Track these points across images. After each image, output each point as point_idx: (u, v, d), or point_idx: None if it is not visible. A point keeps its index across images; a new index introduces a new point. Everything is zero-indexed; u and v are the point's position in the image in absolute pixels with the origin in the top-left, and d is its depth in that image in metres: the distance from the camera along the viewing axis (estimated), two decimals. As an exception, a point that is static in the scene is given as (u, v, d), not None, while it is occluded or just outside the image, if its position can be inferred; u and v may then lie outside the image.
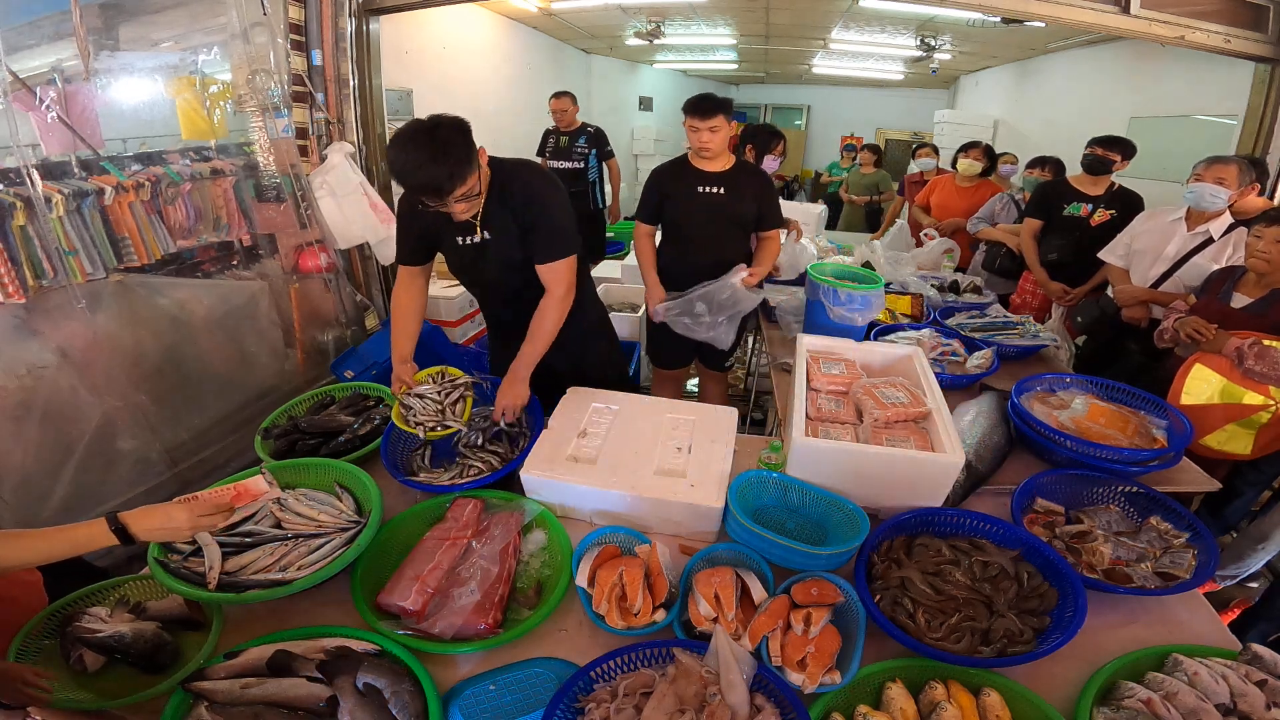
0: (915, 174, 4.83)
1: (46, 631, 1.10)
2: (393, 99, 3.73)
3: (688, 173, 2.31)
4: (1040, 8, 2.89)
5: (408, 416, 1.50)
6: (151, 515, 1.00)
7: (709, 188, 2.28)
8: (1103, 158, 2.86)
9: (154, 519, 1.00)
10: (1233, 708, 0.94)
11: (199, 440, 2.52)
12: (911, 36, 5.71)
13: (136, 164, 2.26)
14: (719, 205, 2.28)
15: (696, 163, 2.30)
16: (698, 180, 2.29)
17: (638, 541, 1.24)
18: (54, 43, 2.03)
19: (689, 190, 2.29)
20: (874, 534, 1.21)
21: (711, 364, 2.67)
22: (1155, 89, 4.43)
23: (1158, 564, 1.26)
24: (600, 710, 0.93)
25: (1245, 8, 2.93)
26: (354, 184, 2.94)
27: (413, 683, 0.97)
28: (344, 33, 2.98)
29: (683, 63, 8.84)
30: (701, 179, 2.29)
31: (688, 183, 2.29)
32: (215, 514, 1.06)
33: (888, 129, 10.27)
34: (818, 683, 0.96)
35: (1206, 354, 1.85)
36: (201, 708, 0.94)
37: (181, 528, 1.02)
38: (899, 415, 1.45)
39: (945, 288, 2.98)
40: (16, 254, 1.86)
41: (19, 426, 1.91)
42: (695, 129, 2.20)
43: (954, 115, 7.49)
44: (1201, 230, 2.28)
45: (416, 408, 1.51)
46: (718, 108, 2.17)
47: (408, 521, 1.31)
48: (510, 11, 5.10)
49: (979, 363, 2.07)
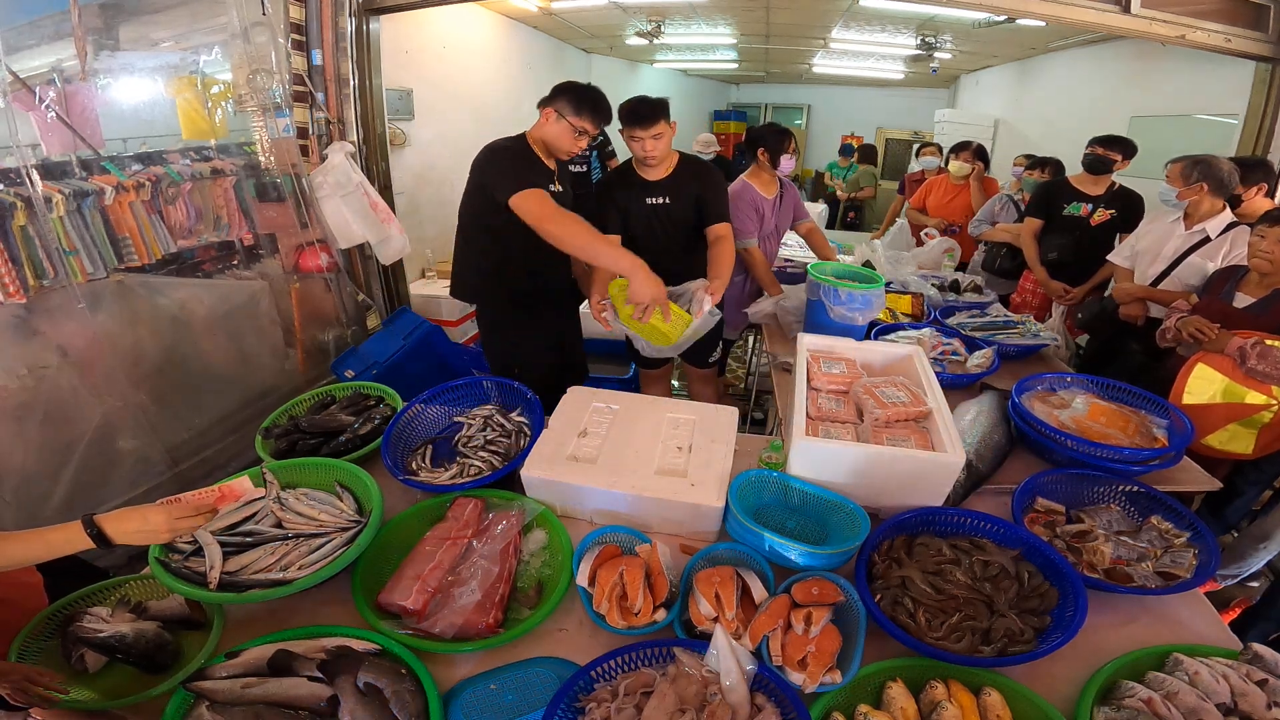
0: (917, 173, 4.82)
1: (47, 632, 1.10)
2: (393, 99, 3.73)
3: (634, 182, 2.18)
4: (1040, 7, 2.89)
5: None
6: (128, 518, 0.98)
7: (656, 198, 2.17)
8: (1103, 157, 2.86)
9: (130, 522, 0.98)
10: (1233, 707, 0.94)
11: (200, 440, 2.52)
12: (912, 36, 5.71)
13: (137, 164, 2.26)
14: (667, 215, 2.19)
15: (642, 171, 2.16)
16: (644, 192, 2.17)
17: (638, 541, 1.24)
18: (54, 43, 2.03)
19: (639, 202, 2.18)
20: (874, 533, 1.21)
21: (694, 361, 2.60)
22: (1155, 89, 4.42)
23: (1158, 563, 1.26)
24: (601, 710, 0.93)
25: (1245, 7, 2.93)
26: (354, 184, 2.94)
27: (413, 682, 0.97)
28: (344, 32, 2.98)
29: (683, 62, 8.83)
30: (648, 190, 2.17)
31: (636, 194, 2.18)
32: (195, 516, 1.04)
33: (888, 129, 10.27)
34: (818, 682, 0.96)
35: (1209, 354, 1.85)
36: (202, 707, 0.94)
37: (159, 530, 1.00)
38: (899, 415, 1.45)
39: (945, 287, 2.98)
40: (17, 254, 1.86)
41: (19, 426, 1.91)
42: (638, 139, 2.04)
43: (954, 115, 7.48)
44: (1198, 229, 2.28)
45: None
46: (658, 112, 2.01)
47: (408, 521, 1.31)
48: (510, 11, 5.10)
49: (979, 362, 2.07)
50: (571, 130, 1.88)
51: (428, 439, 1.60)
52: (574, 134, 1.88)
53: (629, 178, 2.20)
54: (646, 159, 2.10)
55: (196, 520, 1.04)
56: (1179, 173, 2.28)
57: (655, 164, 2.13)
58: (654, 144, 2.05)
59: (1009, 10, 3.03)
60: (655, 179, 2.17)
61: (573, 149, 1.92)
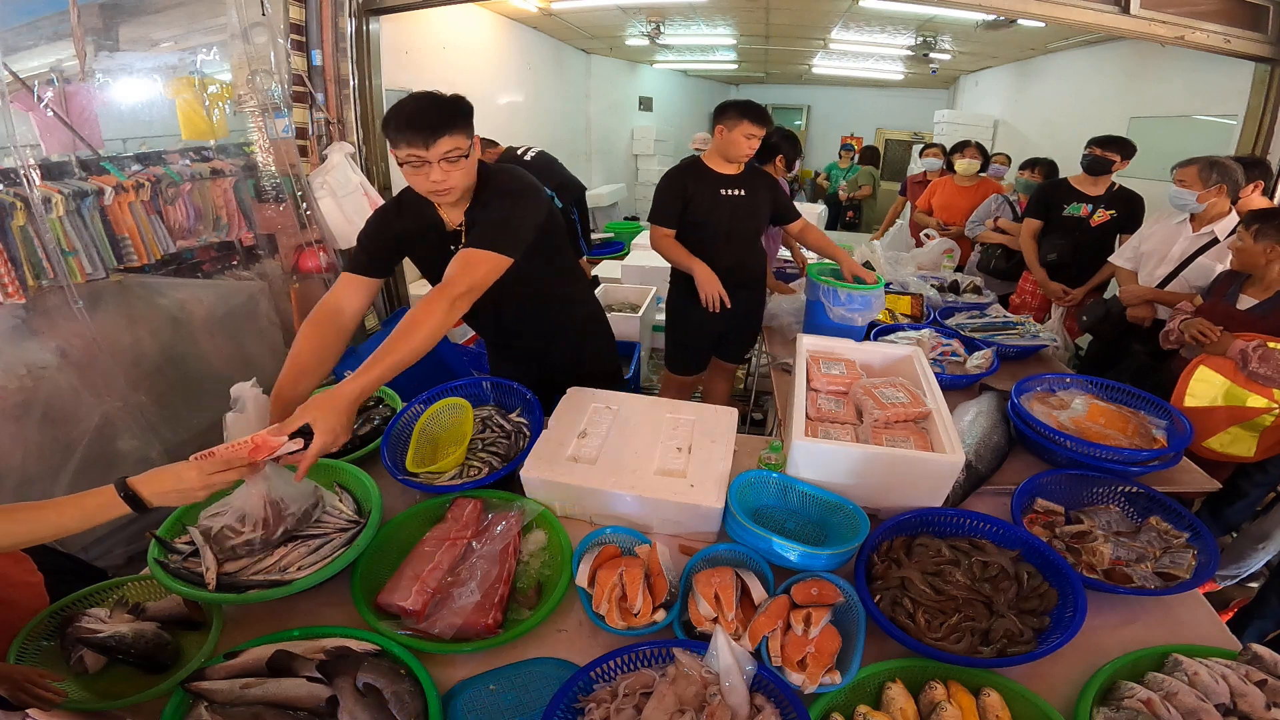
0: (919, 174, 4.82)
1: (47, 632, 1.10)
2: (393, 99, 3.72)
3: (708, 175, 2.32)
4: (1040, 8, 2.89)
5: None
6: (162, 478, 0.95)
7: (730, 190, 2.32)
8: (1102, 158, 2.86)
9: (164, 481, 0.95)
10: (1233, 708, 0.94)
11: (199, 440, 2.50)
12: (911, 36, 5.71)
13: (136, 164, 2.26)
14: (740, 206, 2.33)
15: (715, 165, 2.32)
16: (719, 183, 2.31)
17: (638, 541, 1.24)
18: (53, 43, 2.03)
19: (713, 193, 2.30)
20: (874, 534, 1.21)
21: (730, 357, 2.71)
22: (1155, 89, 4.43)
23: (1158, 564, 1.26)
24: (600, 710, 0.93)
25: (1245, 8, 2.93)
26: (354, 184, 2.95)
27: (413, 683, 0.97)
28: (344, 33, 2.98)
29: (683, 63, 8.83)
30: (722, 182, 2.31)
31: (710, 185, 2.31)
32: (229, 470, 1.00)
33: (888, 129, 10.27)
34: (818, 683, 0.96)
35: (1210, 356, 1.85)
36: (201, 708, 0.94)
37: (194, 488, 0.97)
38: (899, 415, 1.45)
39: (945, 288, 2.99)
40: (16, 254, 1.86)
41: (19, 427, 1.91)
42: (751, 136, 2.20)
43: (954, 115, 7.48)
44: (1206, 231, 2.28)
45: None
46: (767, 119, 2.24)
47: (408, 521, 1.31)
48: (510, 11, 5.10)
49: (979, 363, 2.07)
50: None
51: (427, 439, 1.60)
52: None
53: (702, 170, 2.33)
54: (746, 157, 2.27)
55: (229, 475, 1.01)
56: (1196, 175, 2.24)
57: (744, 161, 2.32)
58: (756, 143, 2.23)
59: (1008, 11, 3.04)
60: (729, 174, 2.32)
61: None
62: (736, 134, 2.20)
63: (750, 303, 2.55)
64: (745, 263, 2.42)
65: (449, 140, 1.28)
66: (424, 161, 1.28)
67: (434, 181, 1.30)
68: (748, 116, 2.18)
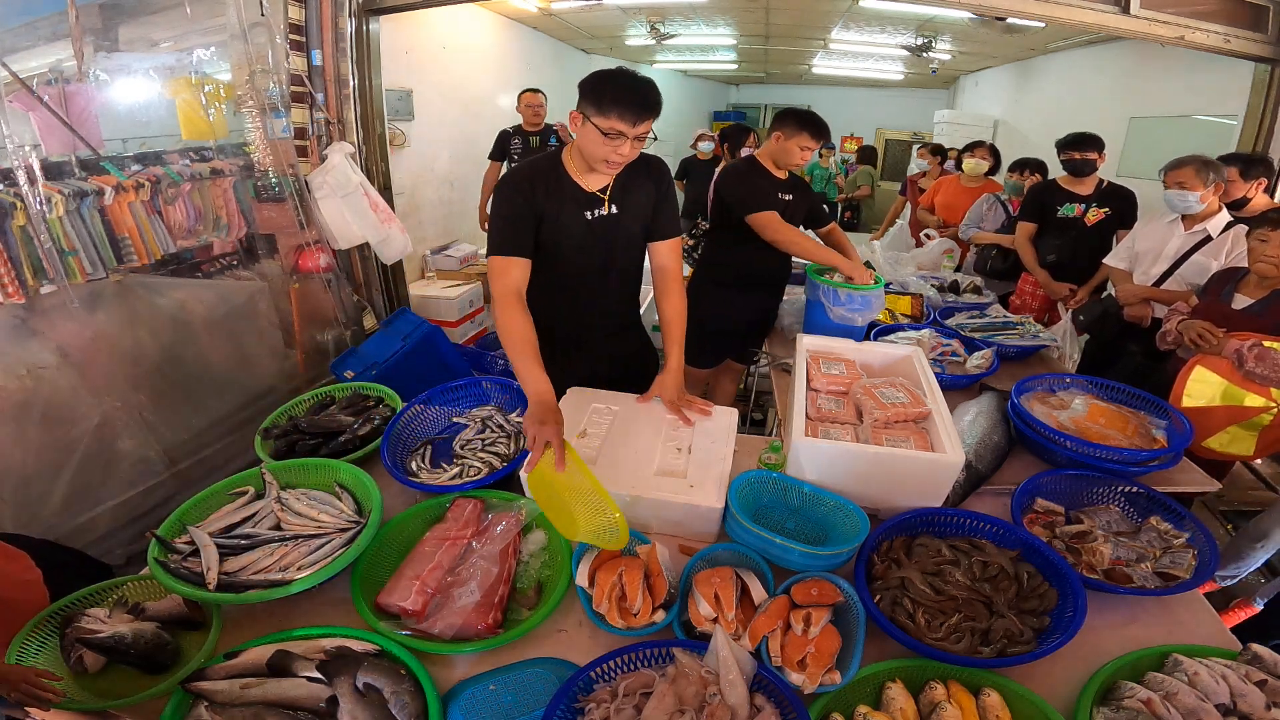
0: (918, 174, 4.83)
1: (46, 632, 1.10)
2: (393, 99, 3.73)
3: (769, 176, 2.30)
4: (1039, 8, 2.89)
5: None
6: None
7: (784, 194, 2.32)
8: (1083, 160, 2.86)
9: None
10: (1233, 708, 0.94)
11: (199, 440, 2.52)
12: (911, 36, 5.71)
13: (136, 164, 2.26)
14: (791, 210, 2.33)
15: (770, 168, 2.31)
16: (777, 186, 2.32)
17: (638, 541, 1.24)
18: (52, 43, 2.03)
19: (775, 194, 2.29)
20: (874, 534, 1.21)
21: (744, 357, 2.72)
22: (1155, 89, 4.43)
23: (1158, 564, 1.26)
24: (600, 710, 0.93)
25: (1245, 8, 2.93)
26: (354, 184, 2.94)
27: (413, 683, 0.97)
28: (344, 33, 2.98)
29: (683, 63, 8.83)
30: (779, 185, 2.30)
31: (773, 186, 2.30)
32: None
33: (887, 129, 10.28)
34: (818, 683, 0.96)
35: (1207, 356, 1.85)
36: (201, 708, 0.94)
37: None
38: (899, 415, 1.45)
39: (945, 288, 2.98)
40: (16, 254, 1.86)
41: (19, 427, 1.91)
42: (806, 148, 2.17)
43: (954, 115, 7.49)
44: (1199, 229, 2.28)
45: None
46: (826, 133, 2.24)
47: (408, 521, 1.31)
48: (510, 11, 5.10)
49: (979, 363, 2.07)
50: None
51: (427, 439, 1.60)
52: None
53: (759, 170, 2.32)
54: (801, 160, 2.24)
55: None
56: (1195, 175, 2.23)
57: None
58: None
59: (1008, 11, 3.03)
60: (782, 178, 2.33)
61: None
62: (793, 144, 2.18)
63: (776, 303, 2.62)
64: (786, 264, 2.48)
65: (649, 124, 1.39)
66: (622, 135, 1.36)
67: (623, 155, 1.41)
68: (807, 129, 2.16)
